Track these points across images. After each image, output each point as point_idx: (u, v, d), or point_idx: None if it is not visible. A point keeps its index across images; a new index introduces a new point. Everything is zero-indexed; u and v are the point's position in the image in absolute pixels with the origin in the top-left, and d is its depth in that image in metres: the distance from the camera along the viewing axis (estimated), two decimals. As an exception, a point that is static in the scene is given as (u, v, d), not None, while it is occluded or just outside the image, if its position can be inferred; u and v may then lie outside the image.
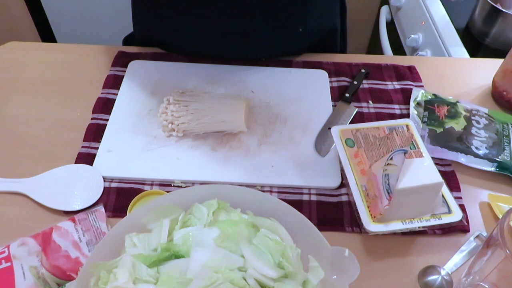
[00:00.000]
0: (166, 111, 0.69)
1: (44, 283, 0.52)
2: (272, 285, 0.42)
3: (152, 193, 0.62)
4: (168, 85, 0.78)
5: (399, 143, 0.58)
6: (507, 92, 0.78)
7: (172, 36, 0.82)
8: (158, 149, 0.68)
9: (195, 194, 0.51)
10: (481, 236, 0.60)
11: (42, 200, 0.61)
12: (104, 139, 0.69)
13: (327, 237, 0.46)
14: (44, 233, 0.55)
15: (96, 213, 0.59)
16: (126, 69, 0.80)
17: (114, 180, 0.64)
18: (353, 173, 0.60)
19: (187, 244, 0.45)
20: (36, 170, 0.64)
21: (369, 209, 0.56)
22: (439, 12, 1.24)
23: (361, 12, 1.76)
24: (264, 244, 0.45)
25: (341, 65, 0.84)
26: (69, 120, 0.73)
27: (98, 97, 0.76)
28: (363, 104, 0.77)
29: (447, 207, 0.57)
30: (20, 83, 0.79)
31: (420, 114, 0.75)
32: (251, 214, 0.49)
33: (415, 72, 0.84)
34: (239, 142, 0.70)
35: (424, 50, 1.24)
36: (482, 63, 0.89)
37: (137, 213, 0.50)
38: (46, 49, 0.88)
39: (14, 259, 0.52)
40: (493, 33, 1.12)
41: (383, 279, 0.57)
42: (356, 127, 0.65)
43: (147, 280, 0.42)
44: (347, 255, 0.45)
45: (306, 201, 0.63)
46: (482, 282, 0.51)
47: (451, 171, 0.68)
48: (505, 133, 0.72)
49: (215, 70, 0.81)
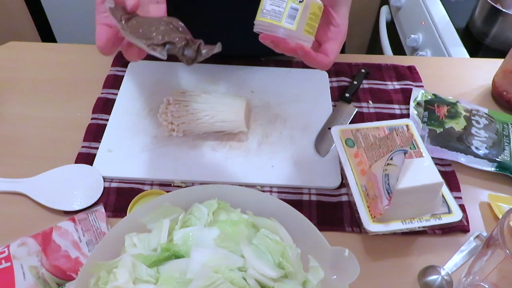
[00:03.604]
0: (166, 111, 0.69)
1: (44, 283, 0.52)
2: (272, 285, 0.42)
3: (152, 193, 0.62)
4: (168, 85, 0.78)
5: (399, 143, 0.58)
6: (507, 92, 0.78)
7: None
8: (158, 149, 0.68)
9: (195, 194, 0.51)
10: (481, 236, 0.60)
11: (42, 200, 0.61)
12: (104, 139, 0.69)
13: (327, 237, 0.46)
14: (44, 233, 0.55)
15: (96, 213, 0.59)
16: (126, 69, 0.80)
17: (114, 180, 0.64)
18: (353, 173, 0.60)
19: (187, 244, 0.45)
20: (36, 170, 0.64)
21: (369, 209, 0.56)
22: (439, 12, 1.24)
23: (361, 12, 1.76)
24: (264, 244, 0.45)
25: (341, 65, 0.84)
26: (69, 120, 0.73)
27: (98, 97, 0.76)
28: (363, 104, 0.77)
29: (447, 207, 0.57)
30: (20, 83, 0.79)
31: (420, 114, 0.75)
32: (251, 214, 0.49)
33: (415, 72, 0.84)
34: (239, 142, 0.70)
35: (424, 50, 1.24)
36: (482, 63, 0.89)
37: (137, 213, 0.50)
38: (46, 49, 0.88)
39: (14, 259, 0.52)
40: (493, 33, 1.12)
41: (383, 279, 0.57)
42: (356, 127, 0.65)
43: (147, 280, 0.42)
44: (347, 255, 0.45)
45: (306, 201, 0.63)
46: (482, 282, 0.51)
47: (451, 171, 0.68)
48: (505, 133, 0.72)
49: (215, 70, 0.81)
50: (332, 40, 0.50)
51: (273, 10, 0.44)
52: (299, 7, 0.44)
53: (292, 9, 0.44)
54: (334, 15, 0.50)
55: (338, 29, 0.50)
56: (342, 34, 0.51)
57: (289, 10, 0.44)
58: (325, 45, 0.50)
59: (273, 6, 0.44)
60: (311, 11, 0.46)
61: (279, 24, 0.44)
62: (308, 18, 0.45)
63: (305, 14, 0.45)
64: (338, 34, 0.50)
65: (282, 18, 0.44)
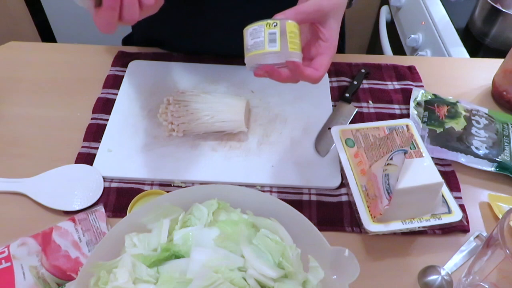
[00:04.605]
0: (166, 111, 0.69)
1: (44, 283, 0.52)
2: (272, 285, 0.42)
3: (152, 193, 0.62)
4: (168, 85, 0.78)
5: (399, 143, 0.58)
6: (507, 92, 0.78)
7: (171, 34, 0.82)
8: (158, 149, 0.68)
9: (195, 194, 0.51)
10: (481, 236, 0.60)
11: (42, 200, 0.61)
12: (104, 139, 0.69)
13: (327, 237, 0.46)
14: (44, 233, 0.55)
15: (96, 213, 0.59)
16: (126, 69, 0.80)
17: (114, 180, 0.64)
18: (353, 173, 0.60)
19: (187, 244, 0.45)
20: (36, 170, 0.64)
21: (369, 209, 0.56)
22: (439, 12, 1.24)
23: (361, 12, 1.76)
24: (264, 244, 0.45)
25: (341, 65, 0.84)
26: (69, 120, 0.73)
27: (98, 97, 0.76)
28: (363, 104, 0.77)
29: (447, 207, 0.57)
30: (20, 83, 0.79)
31: (420, 114, 0.75)
32: (251, 214, 0.49)
33: (415, 72, 0.84)
34: (239, 142, 0.70)
35: (424, 50, 1.24)
36: (482, 63, 0.89)
37: (137, 213, 0.50)
38: (46, 49, 0.88)
39: (14, 259, 0.52)
40: (493, 33, 1.12)
41: (383, 279, 0.57)
42: (356, 127, 0.65)
43: (147, 280, 0.42)
44: (347, 255, 0.45)
45: (306, 201, 0.63)
46: (482, 282, 0.51)
47: (451, 171, 0.68)
48: (505, 133, 0.72)
49: (215, 70, 0.81)
50: (322, 55, 0.52)
51: (255, 43, 0.48)
52: (276, 31, 0.47)
53: (270, 34, 0.47)
54: (322, 30, 0.52)
55: (327, 43, 0.52)
56: (331, 48, 0.52)
57: (268, 36, 0.47)
58: (315, 60, 0.52)
59: (254, 39, 0.48)
60: (289, 30, 0.48)
61: (264, 51, 0.47)
62: (288, 37, 0.48)
63: (284, 34, 0.47)
64: (327, 49, 0.52)
65: (264, 45, 0.47)
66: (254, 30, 0.48)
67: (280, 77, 0.51)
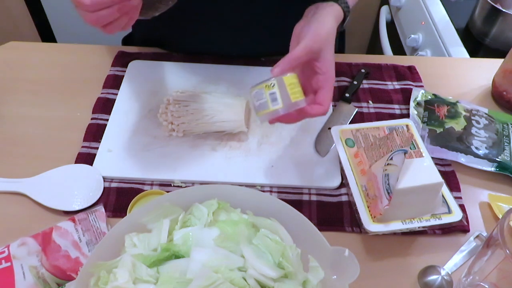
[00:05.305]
0: (166, 111, 0.69)
1: (44, 283, 0.52)
2: (272, 285, 0.42)
3: (152, 193, 0.62)
4: (168, 85, 0.78)
5: (399, 143, 0.58)
6: (507, 92, 0.78)
7: (171, 33, 0.82)
8: (158, 149, 0.68)
9: (195, 194, 0.51)
10: (481, 236, 0.60)
11: (42, 200, 0.61)
12: (104, 139, 0.69)
13: (327, 237, 0.46)
14: (44, 233, 0.55)
15: (96, 213, 0.59)
16: (126, 69, 0.80)
17: (114, 180, 0.64)
18: (353, 173, 0.60)
19: (187, 244, 0.45)
20: (36, 170, 0.64)
21: (369, 209, 0.56)
22: (439, 12, 1.24)
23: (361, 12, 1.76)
24: (264, 244, 0.45)
25: (341, 65, 0.84)
26: (69, 120, 0.73)
27: (98, 97, 0.76)
28: (363, 104, 0.77)
29: (447, 207, 0.57)
30: (20, 83, 0.79)
31: (420, 114, 0.75)
32: (251, 214, 0.49)
33: (415, 72, 0.84)
34: (239, 142, 0.70)
35: (424, 50, 1.24)
36: (482, 63, 0.89)
37: (137, 213, 0.50)
38: (46, 49, 0.88)
39: (14, 259, 0.52)
40: (493, 33, 1.12)
41: (383, 279, 0.57)
42: (356, 127, 0.65)
43: (147, 280, 0.42)
44: (347, 255, 0.45)
45: (306, 201, 0.63)
46: (482, 282, 0.51)
47: (451, 171, 0.68)
48: (505, 133, 0.72)
49: (215, 70, 0.81)
50: (323, 89, 0.56)
51: (260, 104, 0.53)
52: (275, 90, 0.52)
53: (271, 94, 0.52)
54: (318, 65, 0.56)
55: (325, 76, 0.56)
56: (330, 80, 0.56)
57: (270, 96, 0.52)
58: (317, 96, 0.56)
59: (259, 101, 0.53)
60: (287, 83, 0.53)
61: (269, 111, 0.53)
62: (289, 89, 0.53)
63: (283, 90, 0.52)
64: (326, 82, 0.56)
65: (268, 105, 0.53)
66: (257, 93, 0.53)
67: (292, 119, 0.56)
